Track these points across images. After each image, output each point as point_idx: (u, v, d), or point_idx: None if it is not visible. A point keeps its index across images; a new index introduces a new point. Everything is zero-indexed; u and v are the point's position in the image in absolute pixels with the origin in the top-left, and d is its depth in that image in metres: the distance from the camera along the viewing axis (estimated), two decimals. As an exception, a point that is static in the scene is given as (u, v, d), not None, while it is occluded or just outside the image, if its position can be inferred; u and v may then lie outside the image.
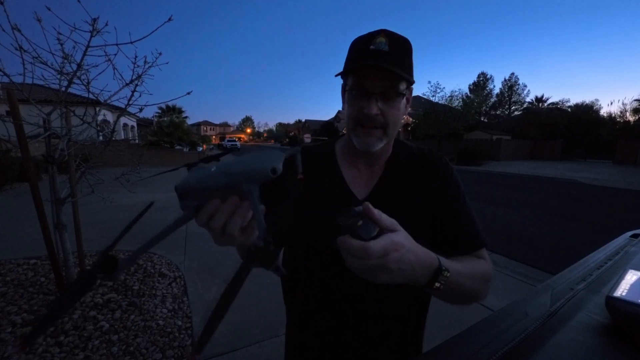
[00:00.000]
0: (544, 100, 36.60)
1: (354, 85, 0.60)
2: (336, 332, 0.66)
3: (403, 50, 0.59)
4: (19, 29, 1.90)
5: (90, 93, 2.33)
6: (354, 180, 0.69)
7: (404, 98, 0.61)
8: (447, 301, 0.57)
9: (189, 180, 0.35)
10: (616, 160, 19.61)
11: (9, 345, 1.79)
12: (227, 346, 1.98)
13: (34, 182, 2.23)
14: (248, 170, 0.34)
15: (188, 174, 0.37)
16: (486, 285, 0.62)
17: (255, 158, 0.35)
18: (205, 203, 0.35)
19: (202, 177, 0.35)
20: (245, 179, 0.34)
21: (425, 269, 0.47)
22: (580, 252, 0.80)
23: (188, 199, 0.36)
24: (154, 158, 14.82)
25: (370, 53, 0.57)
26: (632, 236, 0.90)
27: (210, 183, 0.35)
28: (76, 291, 0.31)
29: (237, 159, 0.35)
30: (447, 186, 0.68)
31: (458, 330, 0.49)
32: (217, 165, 0.36)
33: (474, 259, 0.63)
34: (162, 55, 2.40)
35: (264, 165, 0.33)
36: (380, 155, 0.70)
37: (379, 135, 0.62)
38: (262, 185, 0.34)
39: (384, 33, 0.58)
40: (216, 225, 0.36)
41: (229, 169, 0.34)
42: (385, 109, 0.59)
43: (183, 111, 28.63)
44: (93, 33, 2.07)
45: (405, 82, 0.59)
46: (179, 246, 3.71)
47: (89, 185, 2.61)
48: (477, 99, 26.65)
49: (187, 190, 0.36)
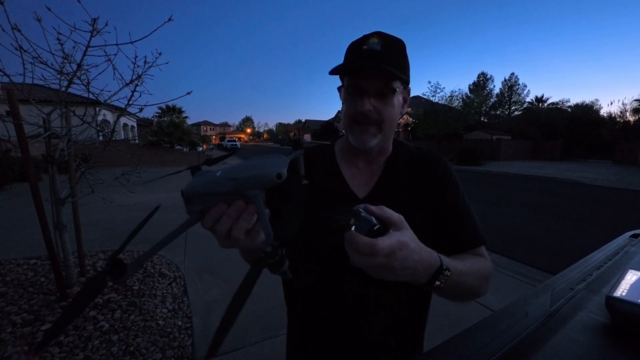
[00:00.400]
0: (544, 100, 36.60)
1: (348, 84, 0.62)
2: (336, 332, 0.66)
3: (396, 50, 0.61)
4: (19, 29, 1.90)
5: (90, 93, 2.34)
6: (353, 179, 0.69)
7: (396, 95, 0.62)
8: (447, 298, 0.57)
9: (195, 185, 0.36)
10: (616, 160, 19.59)
11: (9, 345, 1.79)
12: (227, 346, 1.98)
13: (34, 182, 2.23)
14: (254, 176, 0.34)
15: (193, 178, 0.37)
16: (486, 282, 0.62)
17: (261, 163, 0.35)
18: (211, 207, 0.36)
19: (208, 182, 0.35)
20: (251, 184, 0.34)
21: (427, 269, 0.47)
22: (580, 252, 0.80)
23: (194, 203, 0.37)
24: (154, 158, 14.82)
25: (364, 53, 0.59)
26: (632, 236, 0.90)
27: (216, 188, 0.35)
28: (86, 297, 0.31)
29: (243, 164, 0.36)
30: (447, 185, 0.68)
31: (458, 330, 0.49)
32: (223, 170, 0.36)
33: (474, 257, 0.64)
34: (162, 55, 2.40)
35: (270, 170, 0.34)
36: (380, 154, 0.71)
37: (373, 131, 0.63)
38: (267, 190, 0.35)
39: (377, 34, 0.60)
40: (222, 229, 0.37)
41: (234, 174, 0.35)
42: (379, 105, 0.61)
43: (183, 111, 28.64)
44: (93, 33, 2.07)
45: (398, 80, 0.61)
46: (179, 246, 3.71)
47: (89, 185, 2.61)
48: (477, 99, 26.63)
49: (193, 195, 0.36)
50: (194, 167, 0.39)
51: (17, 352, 1.74)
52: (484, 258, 0.65)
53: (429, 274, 0.48)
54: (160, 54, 2.38)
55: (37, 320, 2.03)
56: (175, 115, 25.83)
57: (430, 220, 0.66)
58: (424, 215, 0.66)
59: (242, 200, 0.36)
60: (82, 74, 2.26)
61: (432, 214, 0.66)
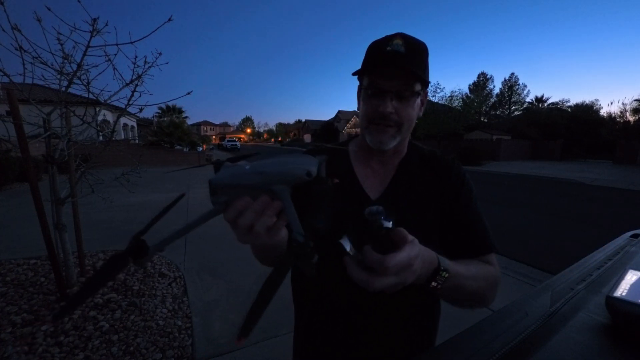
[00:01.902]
0: (544, 100, 36.61)
1: (369, 84, 0.61)
2: (344, 332, 0.66)
3: (419, 52, 0.60)
4: (19, 29, 1.90)
5: (90, 93, 2.34)
6: (367, 179, 0.69)
7: (418, 98, 0.62)
8: (451, 302, 0.57)
9: (223, 176, 0.36)
10: (616, 160, 19.59)
11: (9, 345, 1.79)
12: (227, 346, 1.98)
13: (34, 182, 2.23)
14: (283, 172, 0.34)
15: (222, 170, 0.37)
16: (492, 290, 0.61)
17: (290, 160, 0.36)
18: (235, 199, 0.36)
19: (236, 174, 0.36)
20: (278, 180, 0.34)
21: (427, 269, 0.47)
22: (581, 252, 0.80)
23: (219, 194, 0.37)
24: (154, 158, 14.82)
25: (387, 54, 0.58)
26: (632, 236, 0.90)
27: (243, 181, 0.35)
28: (106, 273, 0.31)
29: (272, 160, 0.36)
30: (459, 189, 0.68)
31: (458, 330, 0.49)
32: (251, 164, 0.36)
33: (481, 263, 0.63)
34: (162, 55, 2.40)
35: (300, 167, 0.34)
36: (394, 155, 0.70)
37: (392, 133, 0.63)
38: (293, 187, 0.35)
39: (400, 36, 0.60)
40: (244, 222, 0.36)
41: (263, 168, 0.35)
42: (400, 107, 0.60)
43: (183, 111, 28.66)
44: (93, 33, 2.07)
45: (420, 82, 0.60)
46: (179, 246, 3.71)
47: (89, 185, 2.61)
48: (477, 99, 26.61)
49: (220, 185, 0.36)
50: (217, 162, 0.39)
51: (17, 352, 1.74)
52: (492, 266, 0.64)
53: (426, 275, 0.48)
54: (160, 54, 2.38)
55: (37, 320, 2.03)
56: (175, 115, 25.85)
57: (440, 223, 0.66)
58: (434, 218, 0.65)
59: (268, 195, 0.36)
60: (82, 74, 2.26)
61: (442, 217, 0.66)
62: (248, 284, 2.81)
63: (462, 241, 0.64)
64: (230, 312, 2.38)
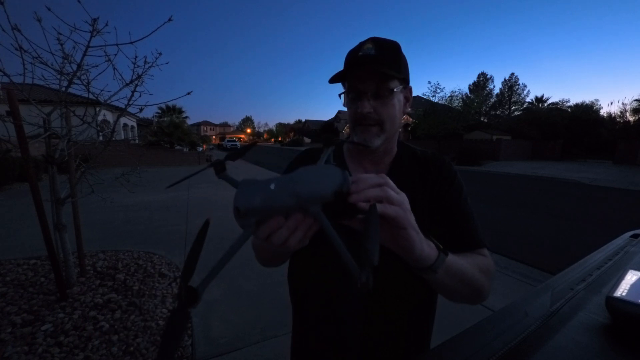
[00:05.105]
0: (544, 101, 36.57)
1: (349, 89, 0.66)
2: (341, 332, 0.67)
3: (390, 51, 0.63)
4: (19, 29, 1.90)
5: (90, 93, 2.34)
6: None
7: (394, 95, 0.64)
8: (451, 295, 0.57)
9: (251, 199, 0.35)
10: (616, 160, 19.56)
11: (9, 345, 1.79)
12: (227, 346, 1.98)
13: (34, 182, 2.23)
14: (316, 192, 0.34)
15: (242, 190, 0.35)
16: (488, 277, 0.61)
17: (318, 175, 0.35)
18: (268, 219, 0.35)
19: (266, 197, 0.34)
20: (314, 200, 0.34)
21: (427, 246, 0.46)
22: (580, 252, 0.80)
23: (248, 217, 0.36)
24: (154, 158, 14.82)
25: (359, 59, 0.62)
26: (632, 236, 0.90)
27: (276, 203, 0.34)
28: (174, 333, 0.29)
29: (296, 175, 0.35)
30: (451, 187, 0.69)
31: (458, 330, 0.49)
32: (275, 182, 0.35)
33: (474, 254, 0.64)
34: (162, 55, 2.40)
35: (331, 184, 0.34)
36: (385, 155, 0.72)
37: (375, 131, 0.65)
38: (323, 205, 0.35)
39: (371, 40, 0.64)
40: (278, 240, 0.36)
41: (294, 187, 0.34)
42: (378, 106, 0.63)
43: (183, 111, 28.62)
44: (93, 33, 2.07)
45: (395, 80, 0.63)
46: (179, 246, 3.71)
47: (89, 185, 2.61)
48: (477, 99, 26.57)
49: (251, 210, 0.35)
50: (217, 164, 0.38)
51: (17, 352, 1.74)
52: (485, 256, 0.65)
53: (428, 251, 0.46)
54: (160, 54, 2.38)
55: (37, 320, 2.03)
56: (175, 116, 25.80)
57: (433, 220, 0.66)
58: (428, 216, 0.66)
59: (301, 213, 0.35)
60: (82, 74, 2.26)
61: (434, 214, 0.67)
62: (247, 284, 2.81)
63: (454, 238, 0.65)
64: (230, 312, 2.38)
